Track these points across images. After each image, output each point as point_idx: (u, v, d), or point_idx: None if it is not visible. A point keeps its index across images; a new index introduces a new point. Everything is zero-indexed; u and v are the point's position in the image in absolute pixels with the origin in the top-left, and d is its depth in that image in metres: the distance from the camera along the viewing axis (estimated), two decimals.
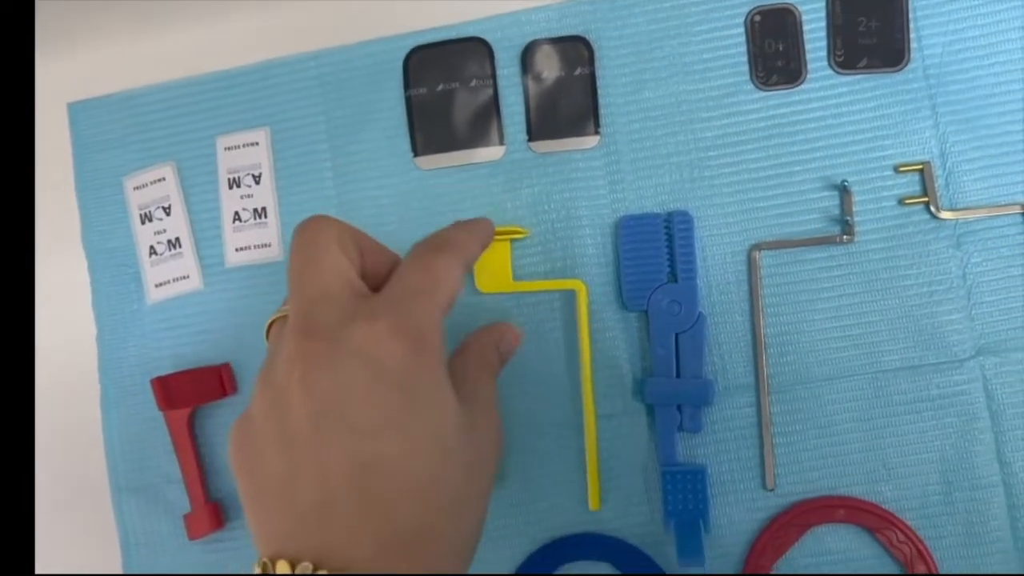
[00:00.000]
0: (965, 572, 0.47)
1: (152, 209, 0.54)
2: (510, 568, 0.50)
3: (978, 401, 0.48)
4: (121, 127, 0.55)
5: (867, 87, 0.50)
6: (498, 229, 0.47)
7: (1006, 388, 0.47)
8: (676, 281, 0.49)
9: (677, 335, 0.49)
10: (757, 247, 0.50)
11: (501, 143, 0.52)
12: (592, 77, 0.51)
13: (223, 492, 0.52)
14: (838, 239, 0.49)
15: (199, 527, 0.51)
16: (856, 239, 0.49)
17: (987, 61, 0.49)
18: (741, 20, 0.51)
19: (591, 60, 0.51)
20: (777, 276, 0.49)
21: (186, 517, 0.51)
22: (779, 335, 0.49)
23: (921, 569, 0.46)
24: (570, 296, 0.50)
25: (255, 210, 0.53)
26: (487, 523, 0.37)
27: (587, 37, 0.52)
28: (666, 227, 0.50)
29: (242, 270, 0.53)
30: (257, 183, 0.53)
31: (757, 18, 0.50)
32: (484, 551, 0.48)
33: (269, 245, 0.53)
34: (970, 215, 0.48)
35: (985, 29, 0.49)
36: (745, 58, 0.51)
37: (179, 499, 0.52)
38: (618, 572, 0.49)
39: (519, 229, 0.50)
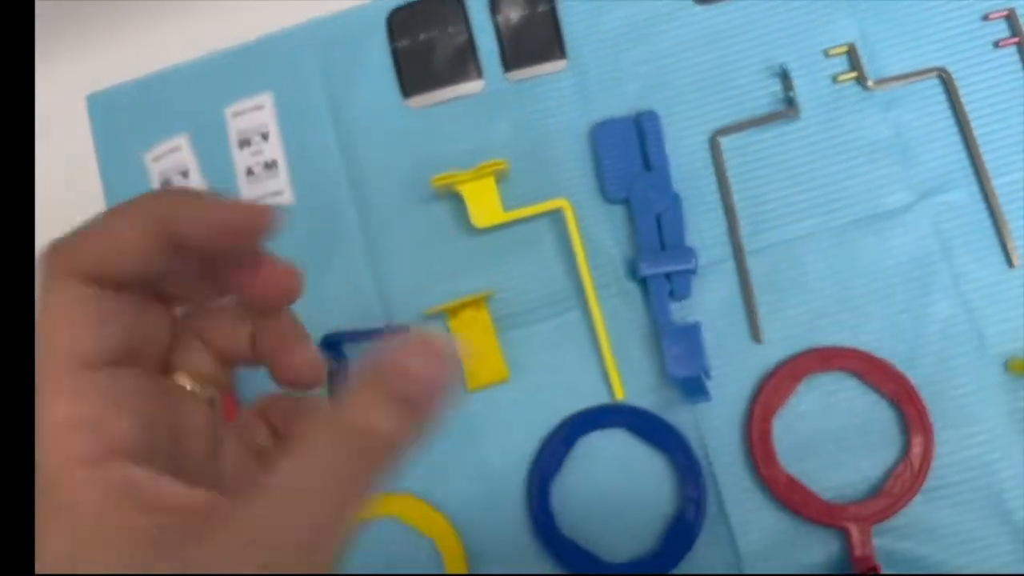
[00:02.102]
0: (946, 392, 0.52)
1: (171, 176, 0.59)
2: (535, 446, 0.53)
3: (929, 239, 0.54)
4: (137, 111, 0.61)
5: None
6: (484, 164, 0.53)
7: (950, 223, 0.54)
8: (650, 170, 0.55)
9: (658, 216, 0.55)
10: (718, 132, 0.56)
11: (480, 77, 0.58)
12: (553, 11, 0.59)
13: None
14: (785, 114, 0.55)
15: None
16: (800, 116, 0.56)
17: None
18: None
19: None
20: (739, 156, 0.56)
21: None
22: (748, 206, 0.55)
23: (906, 400, 0.51)
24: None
25: (265, 163, 0.59)
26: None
27: None
28: (636, 126, 0.56)
29: None
30: (265, 140, 0.59)
31: None
32: (506, 443, 0.53)
33: (282, 192, 0.58)
34: (895, 84, 0.55)
35: None
36: None
37: None
38: (636, 437, 0.53)
39: (497, 162, 0.55)
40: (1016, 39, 0.55)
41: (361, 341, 0.55)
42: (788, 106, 0.55)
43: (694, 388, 0.51)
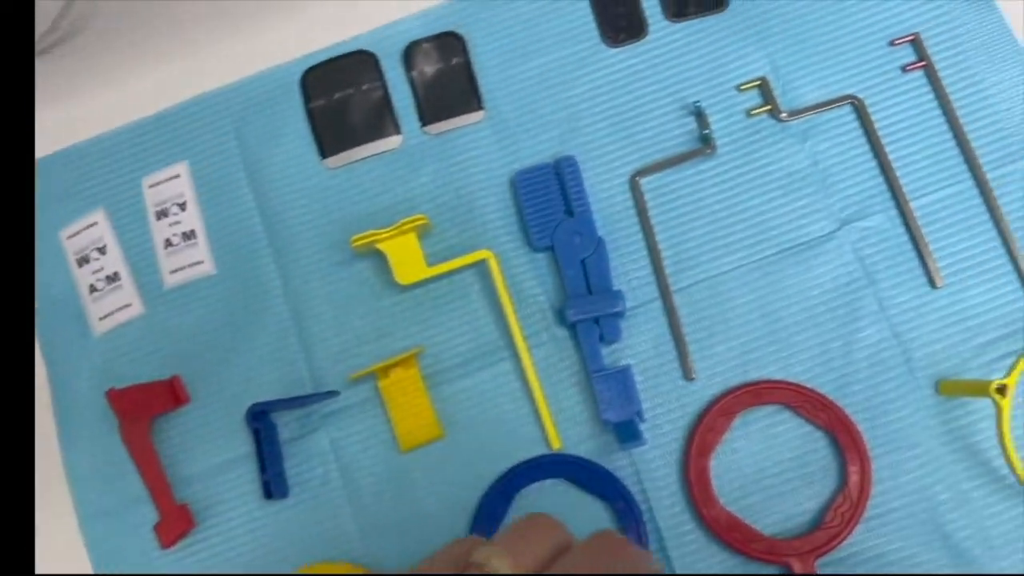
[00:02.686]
0: (879, 418, 0.52)
1: (88, 252, 0.58)
2: (474, 502, 0.53)
3: (852, 265, 0.54)
4: (57, 183, 0.60)
5: (700, 28, 0.58)
6: (404, 221, 0.53)
7: (871, 249, 0.54)
8: (572, 215, 0.55)
9: (583, 261, 0.54)
10: (638, 173, 0.56)
11: (398, 132, 0.58)
12: (467, 63, 0.59)
13: (190, 498, 0.54)
14: (701, 151, 0.55)
15: (170, 532, 0.53)
16: (717, 151, 0.56)
17: None
18: None
19: (464, 50, 0.59)
20: (659, 195, 0.56)
21: (156, 527, 0.53)
22: (671, 245, 0.55)
23: (841, 430, 0.51)
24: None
25: (184, 233, 0.58)
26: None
27: (458, 32, 0.59)
28: (556, 173, 0.56)
29: (180, 289, 0.57)
30: (183, 210, 0.58)
31: None
32: (445, 501, 0.52)
33: (202, 262, 0.57)
34: (808, 114, 0.56)
35: None
36: (594, 24, 0.59)
37: (147, 516, 0.54)
38: (576, 486, 0.52)
39: (417, 217, 0.54)
40: (922, 63, 0.56)
41: (290, 409, 0.54)
42: (704, 143, 0.55)
43: (627, 433, 0.50)
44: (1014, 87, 0.55)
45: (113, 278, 0.57)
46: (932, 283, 0.53)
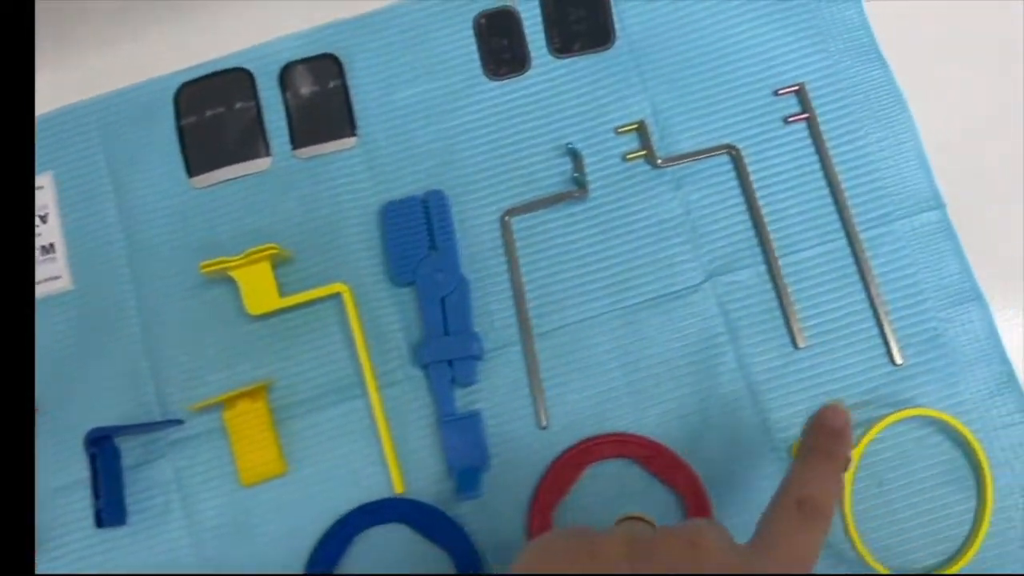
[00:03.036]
0: (730, 477, 0.50)
1: None
2: (313, 542, 0.51)
3: (715, 319, 0.53)
4: None
5: (583, 66, 0.57)
6: (255, 249, 0.51)
7: (736, 304, 0.53)
8: (437, 251, 0.53)
9: (443, 299, 0.53)
10: (508, 213, 0.55)
11: (268, 154, 0.56)
12: (344, 87, 0.57)
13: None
14: (573, 195, 0.54)
15: None
16: (590, 195, 0.54)
17: (682, 30, 0.56)
18: (470, 23, 0.57)
19: (341, 73, 0.57)
20: (529, 236, 0.55)
21: None
22: (537, 288, 0.54)
23: (689, 491, 0.50)
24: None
25: (43, 247, 0.56)
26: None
27: (336, 54, 0.57)
28: (424, 206, 0.54)
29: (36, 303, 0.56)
30: (44, 223, 0.56)
31: (483, 20, 0.57)
32: (282, 540, 0.51)
33: (59, 277, 0.56)
34: (684, 161, 0.55)
35: (677, 3, 0.57)
36: (477, 55, 0.57)
37: None
38: (416, 532, 0.51)
39: (270, 246, 0.52)
40: (806, 115, 0.54)
41: (133, 435, 0.52)
42: (577, 186, 0.54)
43: (466, 482, 0.49)
44: (897, 144, 0.54)
45: None
46: (794, 343, 0.52)
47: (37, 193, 0.57)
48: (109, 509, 0.51)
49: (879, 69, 0.55)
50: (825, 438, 0.42)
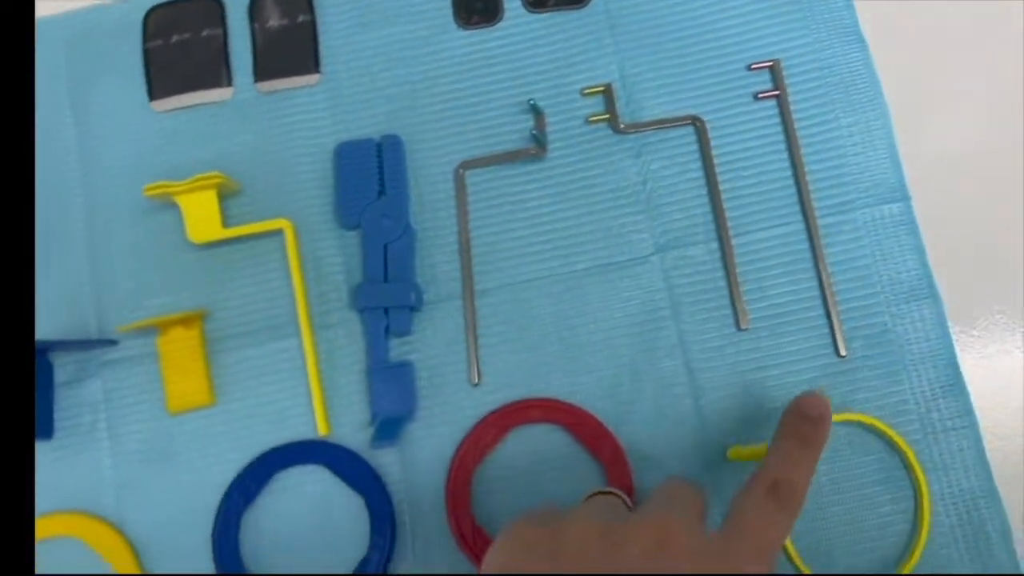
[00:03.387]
0: (652, 450, 0.49)
1: None
2: (231, 476, 0.51)
3: (660, 293, 0.52)
4: None
5: (556, 22, 0.55)
6: (200, 176, 0.51)
7: (683, 280, 0.52)
8: (385, 196, 0.53)
9: (387, 245, 0.52)
10: (463, 165, 0.54)
11: (229, 84, 0.56)
12: (313, 23, 0.56)
13: None
14: (531, 153, 0.53)
15: None
16: (548, 154, 0.53)
17: None
18: None
19: (311, 8, 0.56)
20: (482, 191, 0.53)
21: None
22: (484, 244, 0.53)
23: (610, 461, 0.49)
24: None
25: None
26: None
27: None
28: (379, 150, 0.53)
29: None
30: None
31: None
32: (202, 471, 0.51)
33: None
34: (647, 129, 0.53)
35: None
36: (449, 2, 0.56)
37: None
38: (336, 476, 0.51)
39: (215, 175, 0.52)
40: (776, 92, 0.53)
41: (66, 352, 0.52)
42: (536, 144, 0.53)
43: (386, 430, 0.49)
44: (867, 131, 0.52)
45: None
46: (738, 324, 0.50)
47: None
48: (36, 421, 0.51)
49: (858, 52, 0.53)
50: (802, 424, 0.42)
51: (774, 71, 0.53)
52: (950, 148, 0.53)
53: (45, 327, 0.53)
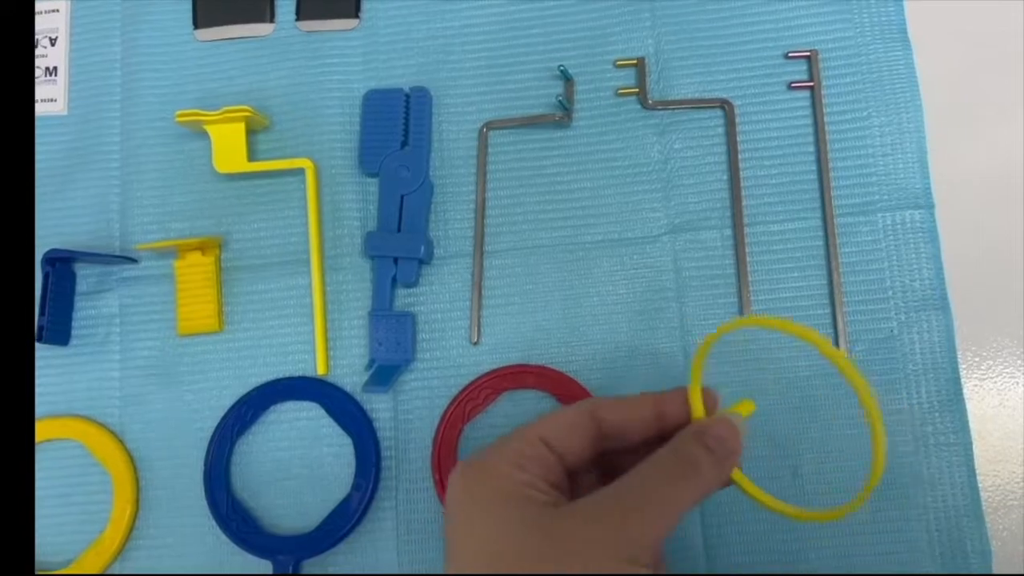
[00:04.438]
0: None
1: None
2: (230, 403, 0.53)
3: (667, 274, 0.51)
4: None
5: None
6: (230, 109, 0.52)
7: (691, 263, 0.51)
8: (408, 148, 0.53)
9: (404, 196, 0.53)
10: (487, 125, 0.54)
11: (272, 20, 0.57)
12: None
13: None
14: (556, 118, 0.53)
15: None
16: (573, 123, 0.53)
17: None
18: None
19: None
20: (503, 153, 0.54)
21: None
22: (499, 205, 0.53)
23: None
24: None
25: (47, 68, 0.58)
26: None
27: None
28: (406, 101, 0.54)
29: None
30: (52, 45, 0.58)
31: None
32: (203, 395, 0.53)
33: (55, 100, 0.57)
34: (675, 107, 0.53)
35: None
36: None
37: None
38: (328, 415, 0.52)
39: (243, 108, 0.52)
40: (811, 83, 0.52)
41: (88, 263, 0.54)
42: (563, 111, 0.53)
43: (380, 377, 0.50)
44: (899, 133, 0.51)
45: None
46: (742, 313, 0.50)
47: (52, 16, 0.58)
48: (52, 328, 0.53)
49: (901, 51, 0.52)
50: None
51: (811, 61, 0.52)
52: (982, 163, 0.51)
53: (72, 235, 0.55)
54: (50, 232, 0.56)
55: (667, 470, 0.35)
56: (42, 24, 0.58)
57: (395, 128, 0.53)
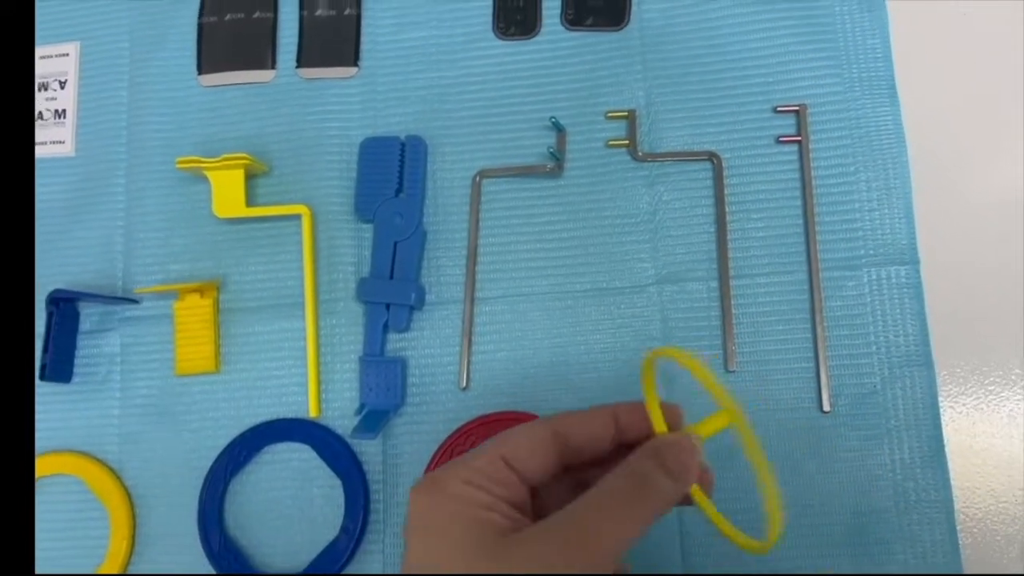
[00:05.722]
0: None
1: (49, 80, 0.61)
2: (225, 443, 0.54)
3: (654, 324, 0.52)
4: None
5: (591, 42, 0.56)
6: (230, 156, 0.53)
7: (678, 314, 0.52)
8: (402, 195, 0.54)
9: (397, 243, 0.54)
10: (481, 173, 0.55)
11: (273, 67, 0.58)
12: (358, 17, 0.58)
13: None
14: (548, 168, 0.54)
15: None
16: (565, 173, 0.54)
17: (698, 26, 0.55)
18: None
19: (359, 3, 0.58)
20: (496, 201, 0.55)
21: None
22: (491, 253, 0.54)
23: None
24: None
25: (56, 111, 0.59)
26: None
27: None
28: (402, 149, 0.55)
29: (36, 162, 0.59)
30: (62, 88, 0.60)
31: None
32: (199, 434, 0.54)
33: (64, 142, 0.59)
34: (664, 159, 0.54)
35: None
36: (491, 11, 0.57)
37: None
38: (319, 456, 0.53)
39: (241, 156, 0.54)
40: (799, 137, 0.52)
41: (92, 303, 0.56)
42: (554, 162, 0.54)
43: (368, 423, 0.51)
44: (886, 188, 0.52)
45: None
46: (726, 365, 0.51)
47: (61, 60, 0.60)
48: (54, 365, 0.55)
49: (889, 107, 0.53)
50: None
51: (800, 116, 0.53)
52: (967, 211, 0.52)
53: (78, 274, 0.57)
54: (56, 270, 0.57)
55: (622, 489, 0.34)
56: (52, 67, 0.60)
57: (390, 175, 0.55)
